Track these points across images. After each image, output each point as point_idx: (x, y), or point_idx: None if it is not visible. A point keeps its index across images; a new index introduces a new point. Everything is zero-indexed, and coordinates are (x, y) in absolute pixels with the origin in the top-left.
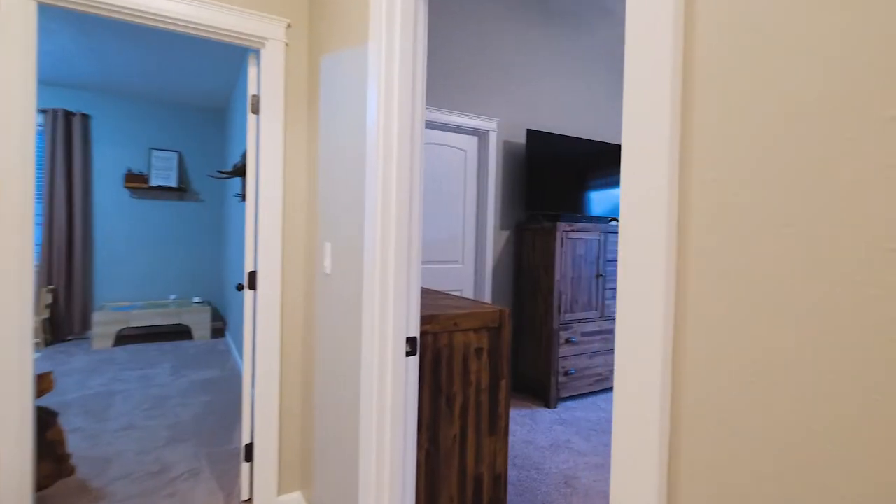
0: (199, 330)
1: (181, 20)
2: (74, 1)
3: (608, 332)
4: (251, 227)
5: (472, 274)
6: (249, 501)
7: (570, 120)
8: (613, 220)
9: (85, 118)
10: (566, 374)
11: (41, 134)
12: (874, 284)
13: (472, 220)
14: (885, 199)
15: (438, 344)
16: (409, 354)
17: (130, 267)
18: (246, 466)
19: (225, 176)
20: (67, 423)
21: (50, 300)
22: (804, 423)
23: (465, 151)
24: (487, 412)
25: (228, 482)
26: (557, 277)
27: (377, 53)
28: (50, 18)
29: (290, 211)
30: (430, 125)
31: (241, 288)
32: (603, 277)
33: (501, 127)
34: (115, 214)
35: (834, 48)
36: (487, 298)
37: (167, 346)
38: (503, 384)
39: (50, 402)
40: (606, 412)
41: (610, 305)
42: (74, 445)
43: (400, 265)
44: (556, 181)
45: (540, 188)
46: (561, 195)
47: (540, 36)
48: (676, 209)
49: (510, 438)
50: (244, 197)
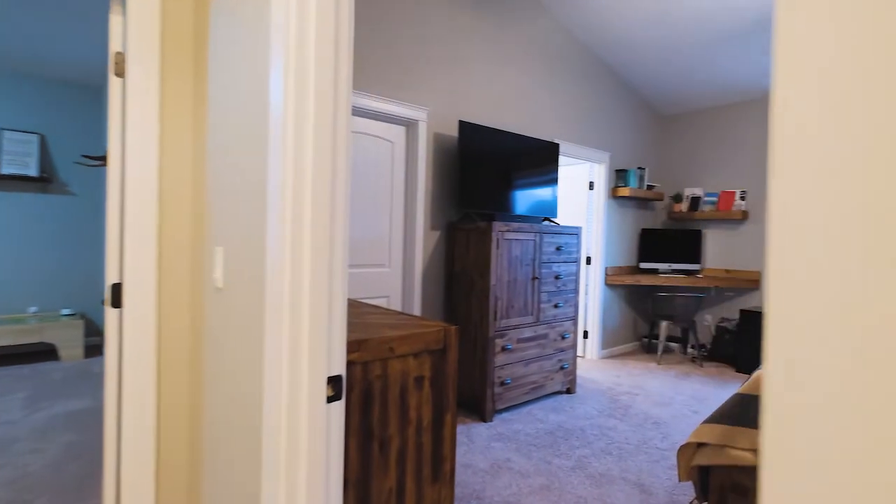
0: (68, 349)
1: None
2: None
3: (543, 337)
4: (114, 225)
5: (399, 278)
6: None
7: (503, 114)
8: (546, 219)
9: None
10: (502, 384)
11: None
12: None
13: (399, 218)
14: None
15: (369, 376)
16: (331, 399)
17: None
18: None
19: (95, 163)
20: None
21: None
22: None
23: (392, 143)
24: (430, 455)
25: None
26: (493, 281)
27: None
28: None
29: (169, 205)
30: (353, 111)
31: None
32: (539, 280)
33: (432, 117)
34: None
35: None
36: (417, 305)
37: (25, 369)
38: (449, 418)
39: None
40: (544, 422)
41: (545, 309)
42: None
43: (319, 279)
44: (490, 178)
45: (473, 185)
46: (495, 193)
47: (472, 22)
48: None
49: None
50: None
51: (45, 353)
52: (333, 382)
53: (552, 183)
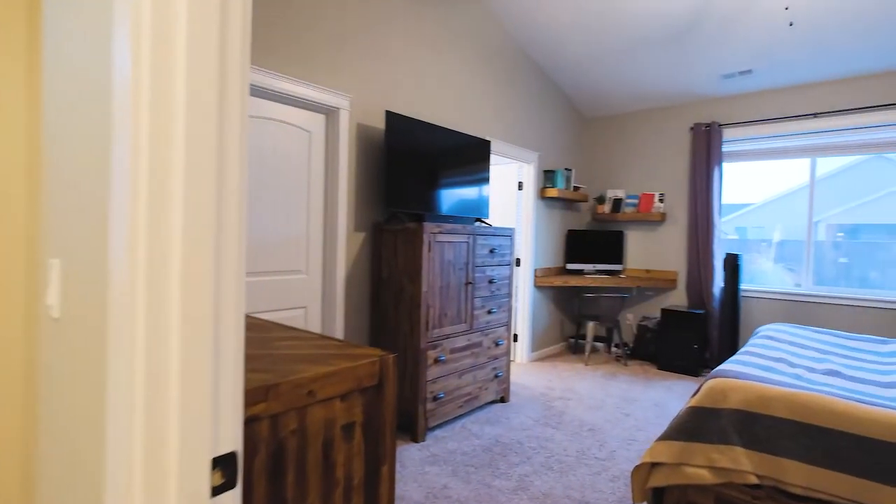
0: None
1: None
2: None
3: (477, 345)
4: None
5: (319, 286)
6: None
7: (433, 107)
8: (478, 220)
9: None
10: (435, 399)
11: None
12: None
13: (318, 218)
14: None
15: (281, 433)
16: (219, 491)
17: None
18: None
19: None
20: None
21: None
22: None
23: (309, 133)
24: None
25: None
26: (425, 288)
27: None
28: None
29: None
30: (260, 93)
31: None
32: (472, 285)
33: (356, 106)
34: None
35: None
36: (340, 316)
37: None
38: (386, 471)
39: None
40: (480, 437)
41: (479, 316)
42: None
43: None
44: (419, 175)
45: (402, 182)
46: (425, 191)
47: (405, 7)
48: None
49: None
50: None
51: None
52: (223, 464)
53: (483, 182)
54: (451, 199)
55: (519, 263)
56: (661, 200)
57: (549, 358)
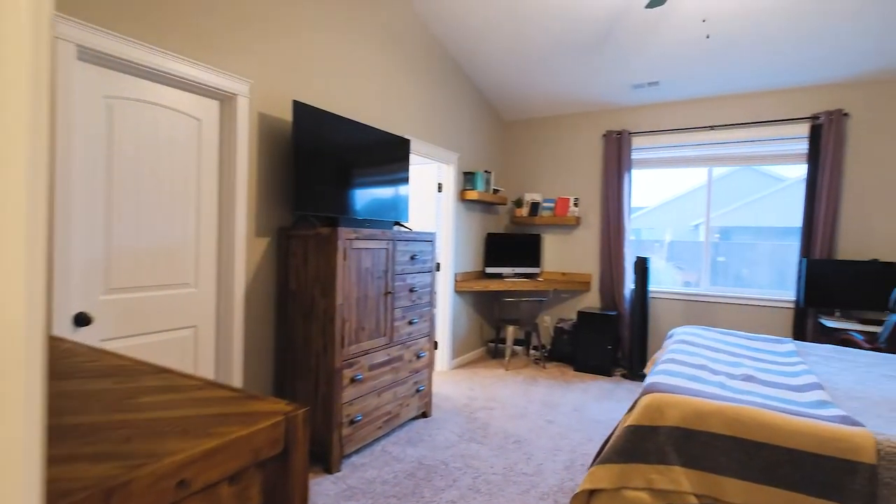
0: None
1: None
2: None
3: (398, 359)
4: None
5: (212, 301)
6: None
7: (349, 100)
8: (397, 224)
9: None
10: (352, 422)
11: None
12: None
13: (211, 221)
14: None
15: None
16: None
17: None
18: None
19: None
20: None
21: None
22: None
23: (199, 121)
24: None
25: None
26: (340, 300)
27: None
28: None
29: None
30: (135, 70)
31: None
32: (392, 295)
33: (257, 93)
34: None
35: None
36: (238, 335)
37: None
38: None
39: None
40: (402, 461)
41: (400, 327)
42: None
43: None
44: (333, 174)
45: (312, 181)
46: (338, 192)
47: None
48: None
49: None
50: None
51: None
52: None
53: (403, 183)
54: (367, 201)
55: (439, 268)
56: (575, 205)
57: (469, 364)
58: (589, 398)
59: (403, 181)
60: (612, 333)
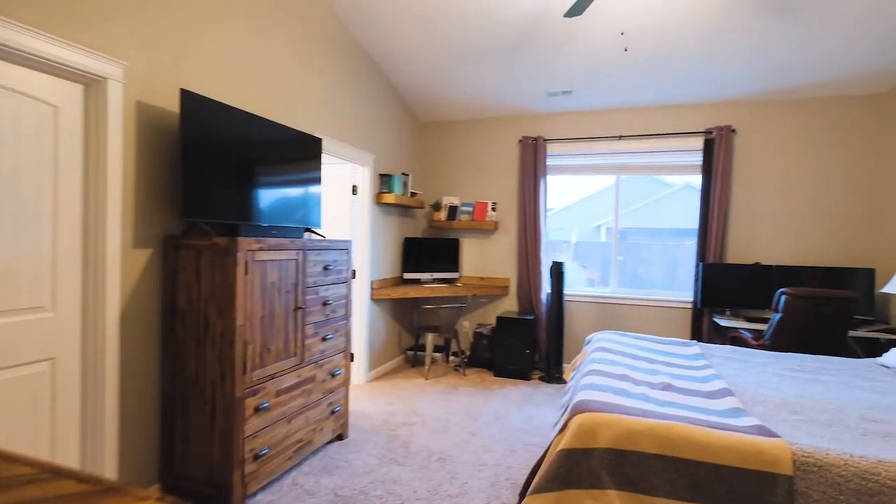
0: None
1: None
2: None
3: (310, 380)
4: None
5: (76, 327)
6: None
7: (251, 92)
8: (309, 231)
9: None
10: (256, 457)
11: None
12: None
13: (73, 231)
14: None
15: None
16: None
17: None
18: None
19: None
20: None
21: None
22: None
23: (55, 108)
24: None
25: None
26: (241, 320)
27: None
28: None
29: None
30: None
31: None
32: (303, 310)
33: (134, 78)
34: None
35: None
36: (112, 367)
37: None
38: None
39: None
40: (316, 494)
41: (312, 345)
42: None
43: None
44: (232, 175)
45: (207, 184)
46: (240, 196)
47: None
48: None
49: None
50: None
51: None
52: None
53: (314, 186)
54: (274, 206)
55: (355, 275)
56: (493, 209)
57: (388, 374)
58: (510, 405)
59: (315, 184)
60: (529, 337)
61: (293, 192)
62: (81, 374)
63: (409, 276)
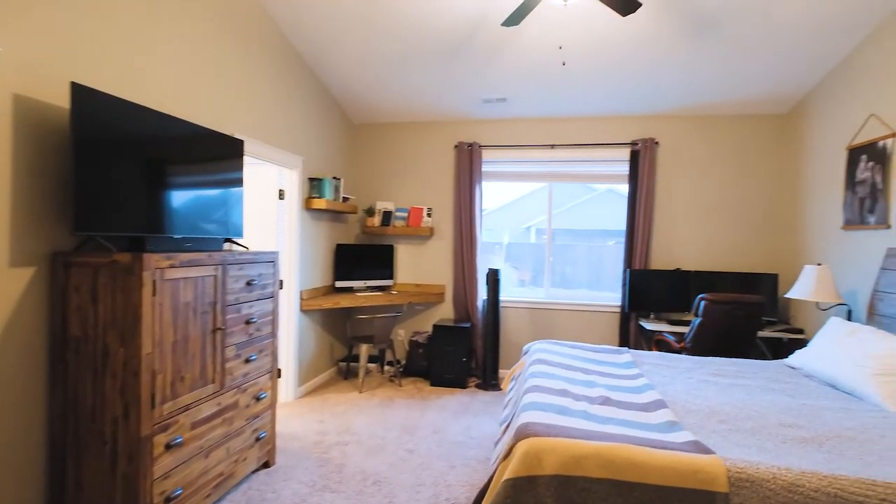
0: None
1: None
2: None
3: (232, 407)
4: None
5: None
6: None
7: (160, 88)
8: (229, 241)
9: None
10: (167, 500)
11: None
12: None
13: None
14: None
15: None
16: None
17: None
18: None
19: None
20: None
21: None
22: None
23: None
24: None
25: None
26: (148, 347)
27: None
28: None
29: None
30: None
31: None
32: (223, 331)
33: (9, 67)
34: None
35: None
36: None
37: None
38: None
39: None
40: None
41: (234, 368)
42: None
43: None
44: (137, 183)
45: (106, 192)
46: (147, 206)
47: None
48: None
49: None
50: None
51: None
52: None
53: (236, 192)
54: (188, 215)
55: (282, 286)
56: (429, 215)
57: (319, 389)
58: (448, 416)
59: (236, 189)
60: (466, 345)
61: (210, 199)
62: None
63: (341, 284)
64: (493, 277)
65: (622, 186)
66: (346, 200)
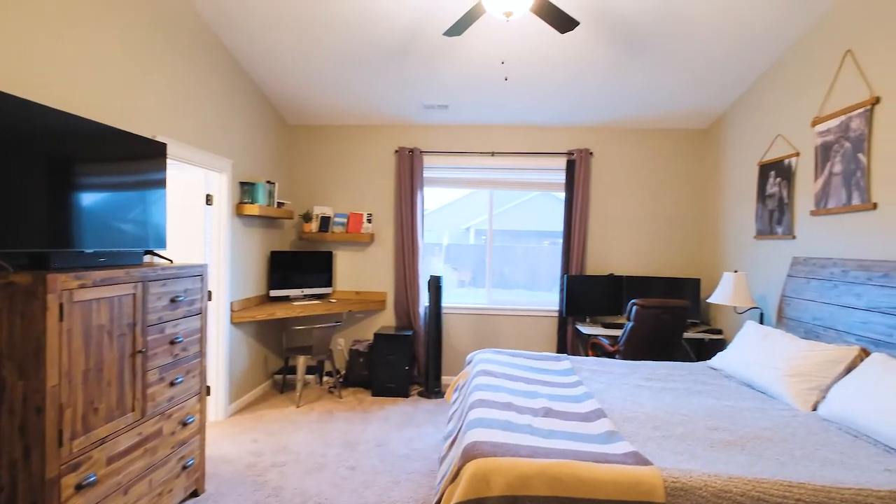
0: None
1: None
2: None
3: (155, 436)
4: None
5: None
6: None
7: (67, 86)
8: (150, 254)
9: None
10: None
11: None
12: None
13: None
14: None
15: None
16: None
17: None
18: None
19: None
20: None
21: None
22: None
23: None
24: None
25: None
26: (54, 380)
27: None
28: None
29: None
30: None
31: None
32: (144, 354)
33: None
34: None
35: None
36: None
37: None
38: None
39: None
40: None
41: (156, 393)
42: None
43: None
44: (38, 192)
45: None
46: (50, 218)
47: None
48: None
49: None
50: None
51: None
52: None
53: (156, 198)
54: (101, 226)
55: (211, 297)
56: (369, 221)
57: (252, 405)
58: (391, 427)
59: (157, 196)
60: (408, 353)
61: (127, 208)
62: None
63: (276, 293)
64: (435, 284)
65: (560, 193)
66: (281, 205)
